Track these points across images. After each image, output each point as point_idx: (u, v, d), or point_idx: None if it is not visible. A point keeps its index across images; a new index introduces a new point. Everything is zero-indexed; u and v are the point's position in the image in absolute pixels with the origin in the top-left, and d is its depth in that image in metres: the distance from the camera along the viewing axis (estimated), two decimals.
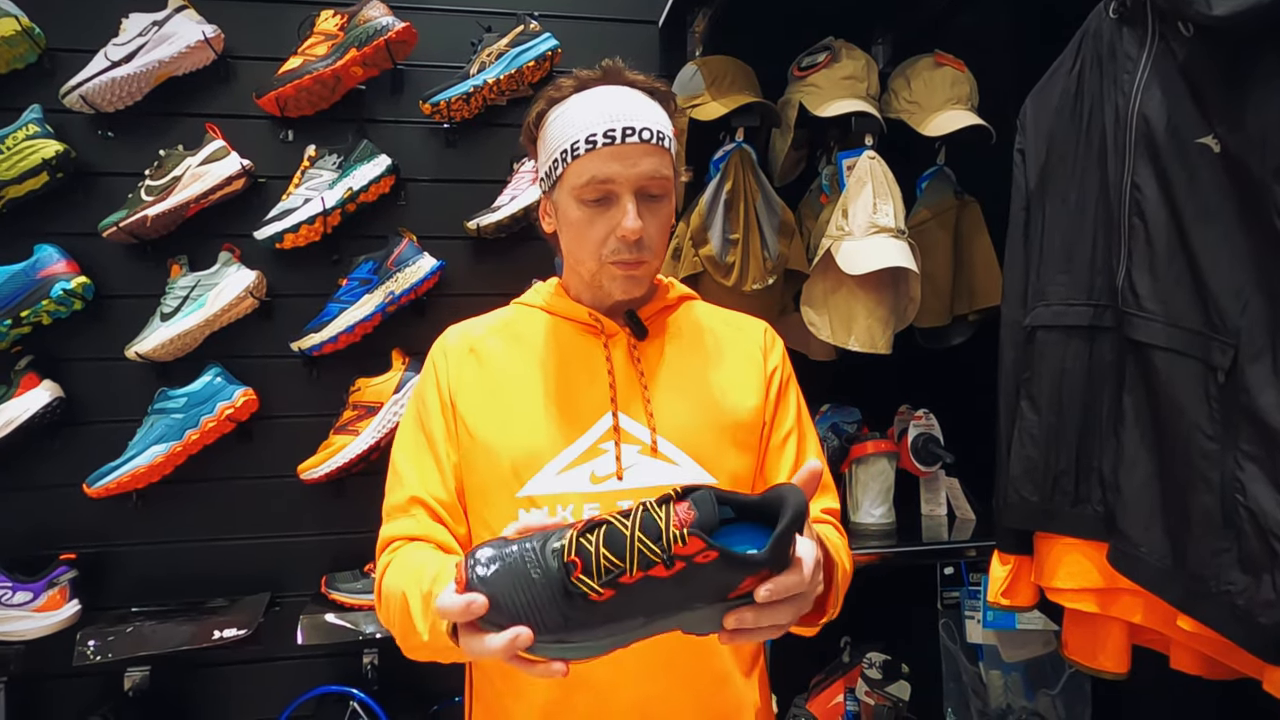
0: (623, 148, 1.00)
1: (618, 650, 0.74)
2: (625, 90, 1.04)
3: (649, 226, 1.02)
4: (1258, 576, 0.96)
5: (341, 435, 1.69)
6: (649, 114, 1.03)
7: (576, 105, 1.03)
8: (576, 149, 1.01)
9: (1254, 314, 0.98)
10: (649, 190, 1.02)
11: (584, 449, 1.03)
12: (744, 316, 1.21)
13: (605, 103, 1.02)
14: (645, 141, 1.01)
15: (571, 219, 1.04)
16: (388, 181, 1.76)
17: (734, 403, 1.09)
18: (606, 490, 1.01)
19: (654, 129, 1.02)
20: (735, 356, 1.13)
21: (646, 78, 1.07)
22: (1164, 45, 1.08)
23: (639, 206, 1.01)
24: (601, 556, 0.70)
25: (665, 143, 1.03)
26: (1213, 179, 1.02)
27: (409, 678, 1.76)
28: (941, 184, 1.81)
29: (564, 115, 1.03)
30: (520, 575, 0.71)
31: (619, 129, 0.99)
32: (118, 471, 1.61)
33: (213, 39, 1.69)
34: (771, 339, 1.18)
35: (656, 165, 1.02)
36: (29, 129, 1.59)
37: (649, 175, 1.01)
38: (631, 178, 1.00)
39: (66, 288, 1.60)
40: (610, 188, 1.00)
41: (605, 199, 1.01)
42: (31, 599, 1.56)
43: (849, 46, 1.70)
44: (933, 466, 1.78)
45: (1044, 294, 1.27)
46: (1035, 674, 1.78)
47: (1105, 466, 1.20)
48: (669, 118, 1.07)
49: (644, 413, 1.05)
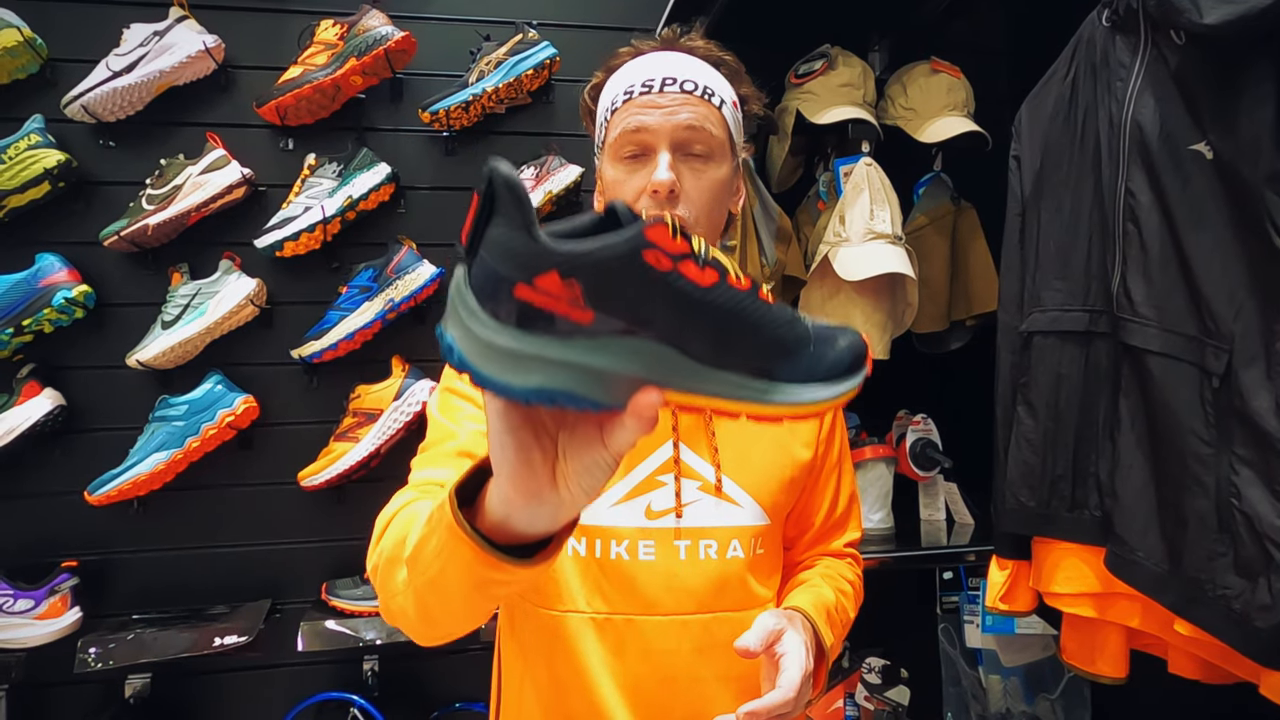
0: (660, 95, 0.91)
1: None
2: (681, 55, 0.97)
3: (689, 185, 0.91)
4: (1253, 580, 0.96)
5: (341, 442, 1.70)
6: (700, 71, 0.94)
7: (627, 68, 0.97)
8: (615, 103, 0.94)
9: (1247, 319, 0.98)
10: (690, 144, 0.92)
11: (640, 479, 0.95)
12: None
13: (651, 62, 0.95)
14: (687, 92, 0.92)
15: (609, 179, 0.95)
16: (387, 189, 1.77)
17: (795, 439, 1.03)
18: (663, 526, 0.95)
19: (699, 82, 0.93)
20: None
21: (707, 44, 0.99)
22: (1156, 53, 1.09)
23: (677, 162, 0.91)
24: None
25: (714, 99, 0.94)
26: (1206, 185, 1.03)
27: (409, 684, 1.77)
28: (938, 190, 1.81)
29: (612, 83, 0.98)
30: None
31: (658, 78, 0.92)
32: (119, 479, 1.61)
33: (213, 49, 1.70)
34: None
35: (700, 117, 0.92)
36: (31, 139, 1.60)
37: (688, 125, 0.91)
38: (668, 127, 0.90)
39: (68, 296, 1.60)
40: (644, 138, 0.91)
41: (641, 154, 0.92)
42: (33, 606, 1.57)
43: (845, 54, 1.71)
44: (931, 471, 1.79)
45: (1040, 299, 1.28)
46: (1034, 678, 1.78)
47: (1102, 471, 1.20)
48: (731, 88, 0.99)
49: (708, 446, 0.97)
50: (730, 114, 0.97)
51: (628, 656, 0.93)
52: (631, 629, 0.93)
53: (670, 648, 0.94)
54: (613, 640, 0.93)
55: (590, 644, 0.94)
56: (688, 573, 0.93)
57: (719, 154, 0.94)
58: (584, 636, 0.94)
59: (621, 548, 0.94)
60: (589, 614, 0.94)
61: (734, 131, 0.98)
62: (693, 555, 0.95)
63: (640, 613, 0.93)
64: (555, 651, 0.95)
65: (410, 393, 1.71)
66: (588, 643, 0.94)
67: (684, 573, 0.93)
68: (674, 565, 0.94)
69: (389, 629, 1.65)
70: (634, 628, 0.93)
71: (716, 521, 0.96)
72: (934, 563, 1.83)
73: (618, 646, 0.93)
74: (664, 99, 0.91)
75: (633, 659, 0.93)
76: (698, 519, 0.96)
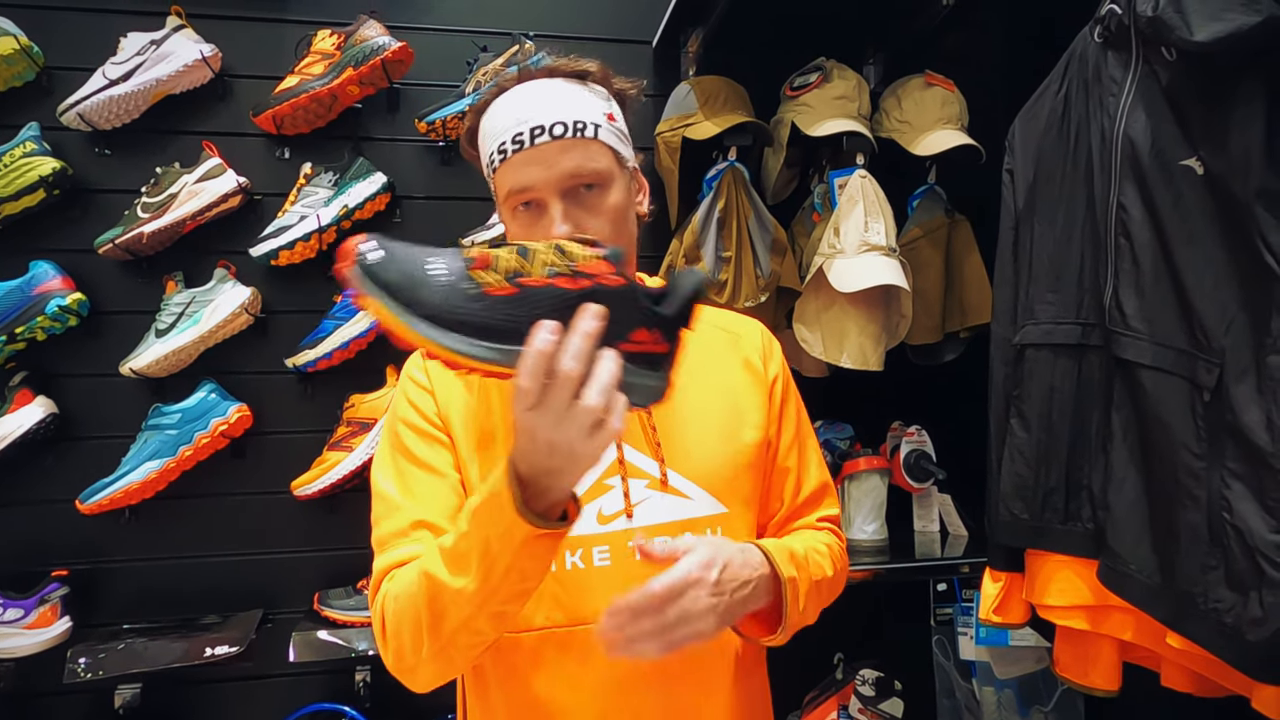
0: (535, 150, 0.91)
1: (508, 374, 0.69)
2: (542, 85, 0.96)
3: (588, 222, 0.92)
4: (1245, 594, 0.96)
5: (335, 451, 1.69)
6: (564, 105, 0.94)
7: (492, 114, 0.96)
8: (494, 163, 0.95)
9: (1238, 333, 0.99)
10: (579, 184, 0.93)
11: (587, 485, 0.92)
12: (737, 317, 1.15)
13: (516, 105, 0.94)
14: (559, 137, 0.92)
15: (511, 232, 0.97)
16: (383, 199, 1.77)
17: (741, 423, 1.03)
18: (616, 530, 0.95)
19: (568, 121, 0.92)
20: (736, 368, 1.07)
21: (569, 61, 0.99)
22: (1148, 69, 1.10)
23: (570, 206, 0.92)
24: (508, 258, 0.69)
25: (587, 131, 0.93)
26: (1197, 200, 1.04)
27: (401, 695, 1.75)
28: (932, 202, 1.82)
29: (485, 127, 0.97)
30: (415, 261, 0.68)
31: (526, 131, 0.91)
32: (111, 488, 1.61)
33: (210, 58, 1.71)
34: (769, 342, 1.12)
35: (580, 160, 0.92)
36: (26, 146, 1.60)
37: (571, 174, 0.92)
38: (552, 180, 0.91)
39: (62, 304, 1.60)
40: (533, 195, 0.92)
41: (533, 204, 0.93)
42: (22, 616, 1.56)
43: (840, 67, 1.73)
44: (925, 483, 1.79)
45: (1033, 312, 1.28)
46: (1028, 691, 1.78)
47: (1095, 484, 1.20)
48: (602, 98, 0.98)
49: (649, 443, 0.98)
50: (609, 131, 0.96)
51: (594, 664, 0.92)
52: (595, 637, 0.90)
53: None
54: (577, 652, 0.92)
55: (551, 661, 0.93)
56: (646, 573, 0.87)
57: (608, 179, 0.95)
58: (543, 655, 0.93)
59: (576, 556, 0.94)
60: (548, 629, 0.93)
61: (618, 145, 0.98)
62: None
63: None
64: (511, 679, 0.95)
65: None
66: (547, 661, 0.93)
67: (642, 573, 0.87)
68: (631, 567, 0.91)
69: None
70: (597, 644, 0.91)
71: (668, 517, 0.96)
72: (928, 574, 1.83)
73: (582, 656, 0.92)
74: (538, 153, 0.91)
75: (599, 666, 0.91)
76: (649, 517, 0.95)
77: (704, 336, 1.06)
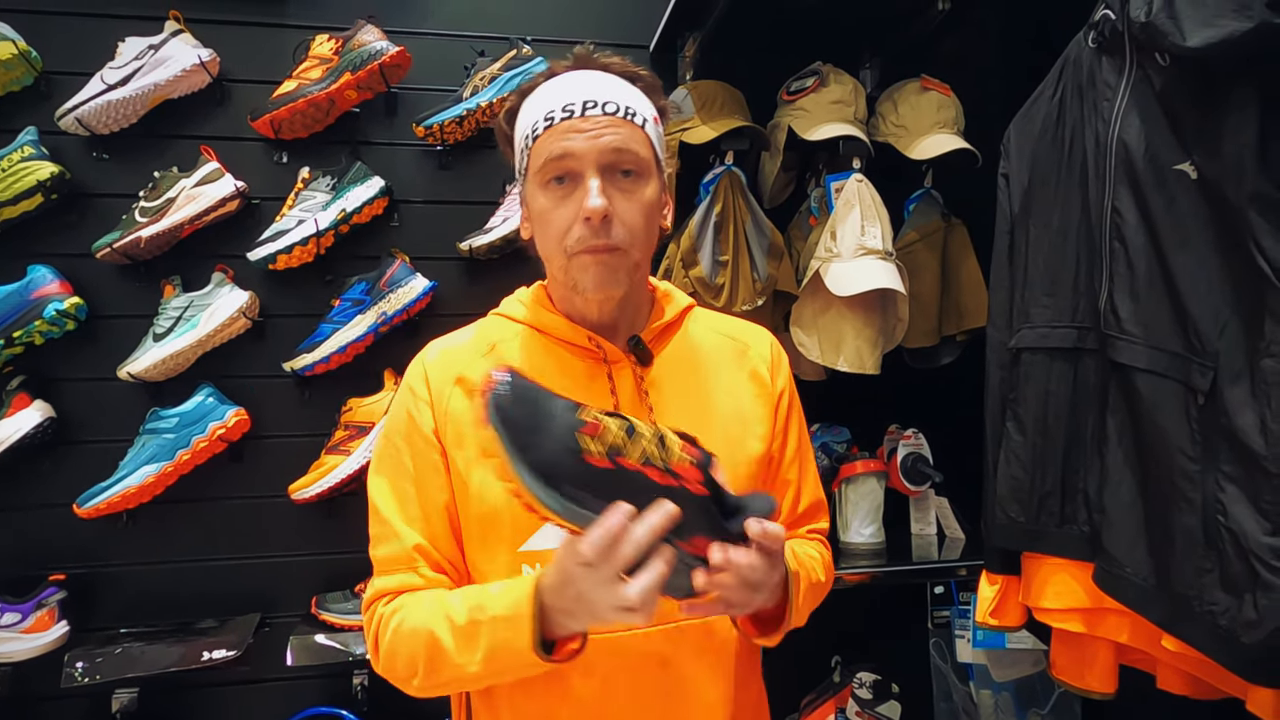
0: (582, 120, 0.90)
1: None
2: (597, 73, 0.96)
3: (622, 209, 0.91)
4: (1239, 597, 0.97)
5: (333, 455, 1.69)
6: (619, 91, 0.94)
7: (541, 91, 0.96)
8: (536, 130, 0.92)
9: (1232, 337, 1.00)
10: (618, 166, 0.91)
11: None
12: (748, 327, 1.13)
13: (569, 83, 0.94)
14: (610, 114, 0.91)
15: (536, 209, 0.94)
16: (381, 203, 1.78)
17: (745, 434, 1.02)
18: None
19: (621, 103, 0.92)
20: (743, 380, 1.05)
21: (623, 61, 0.98)
22: (1142, 74, 1.10)
23: (607, 185, 0.90)
24: (614, 434, 0.74)
25: (637, 118, 0.93)
26: (1191, 204, 1.04)
27: (399, 699, 1.75)
28: (929, 206, 1.83)
29: (528, 104, 0.96)
30: (538, 405, 0.75)
31: (578, 101, 0.91)
32: (108, 492, 1.61)
33: (208, 62, 1.71)
34: (778, 354, 1.10)
35: (625, 138, 0.91)
36: (24, 150, 1.61)
37: (615, 148, 0.90)
38: (593, 152, 0.89)
39: (59, 308, 1.60)
40: (569, 164, 0.90)
41: (567, 178, 0.91)
42: (20, 620, 1.55)
43: (837, 71, 1.73)
44: (922, 486, 1.79)
45: (1028, 316, 1.29)
46: (1025, 693, 1.78)
47: (1090, 487, 1.21)
48: (650, 103, 0.98)
49: None
50: (653, 130, 0.96)
51: (597, 675, 0.93)
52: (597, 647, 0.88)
53: (641, 651, 0.94)
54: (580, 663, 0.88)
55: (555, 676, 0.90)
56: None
57: (646, 173, 0.94)
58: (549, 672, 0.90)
59: None
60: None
61: (658, 148, 0.97)
62: None
63: (605, 630, 0.90)
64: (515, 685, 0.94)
65: None
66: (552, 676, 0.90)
67: None
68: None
69: None
70: (602, 645, 0.90)
71: None
72: (925, 577, 1.83)
73: (586, 668, 0.90)
74: (586, 123, 0.90)
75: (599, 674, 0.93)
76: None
77: (712, 344, 1.07)
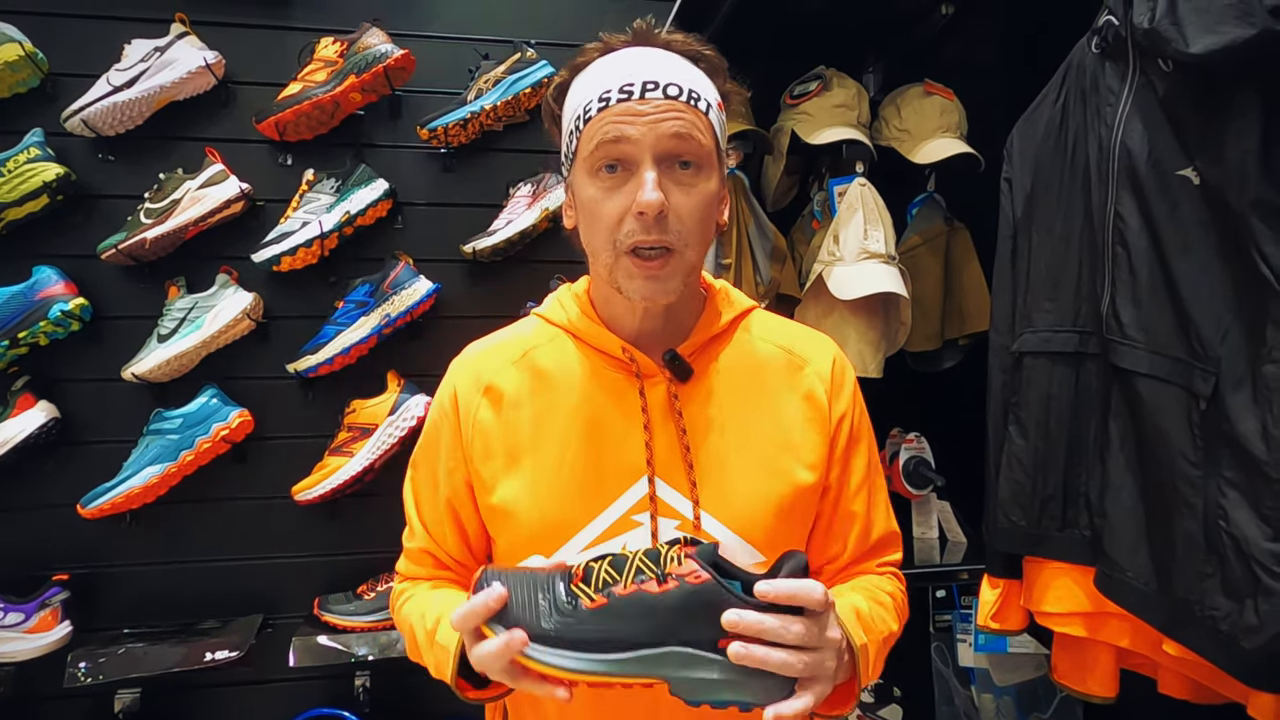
0: (641, 103, 0.81)
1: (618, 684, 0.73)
2: (657, 51, 0.87)
3: (679, 204, 0.83)
4: (1241, 602, 0.97)
5: (336, 457, 1.70)
6: (681, 72, 0.85)
7: (595, 68, 0.87)
8: (589, 111, 0.84)
9: (1234, 343, 1.00)
10: (678, 155, 0.83)
11: (614, 519, 0.87)
12: (810, 337, 1.00)
13: (628, 61, 0.85)
14: (672, 98, 0.82)
15: (584, 198, 0.86)
16: (385, 205, 1.78)
17: (792, 462, 0.91)
18: None
19: (684, 86, 0.83)
20: (795, 402, 0.94)
21: (686, 38, 0.89)
22: (1145, 79, 1.11)
23: (664, 177, 0.82)
24: (602, 570, 0.74)
25: (700, 103, 0.84)
26: (1193, 210, 1.05)
27: (401, 700, 1.76)
28: (931, 210, 1.83)
29: (582, 81, 0.88)
30: (526, 584, 0.75)
31: (638, 83, 0.82)
32: (112, 492, 1.61)
33: (214, 65, 1.72)
34: (841, 371, 0.98)
35: (687, 126, 0.82)
36: (30, 152, 1.61)
37: (674, 134, 0.81)
38: (651, 138, 0.81)
39: (64, 309, 1.61)
40: (625, 149, 0.82)
41: (621, 166, 0.83)
42: (23, 620, 1.56)
43: (840, 75, 1.73)
44: (924, 490, 1.79)
45: (1031, 320, 1.29)
46: (1027, 697, 1.78)
47: (1092, 491, 1.21)
48: (714, 87, 0.89)
49: (685, 481, 0.88)
50: (716, 117, 0.88)
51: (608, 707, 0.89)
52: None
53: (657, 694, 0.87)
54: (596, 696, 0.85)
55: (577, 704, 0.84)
56: None
57: (707, 164, 0.86)
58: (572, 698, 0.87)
59: None
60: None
61: (720, 137, 0.89)
62: None
63: None
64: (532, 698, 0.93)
65: (405, 408, 1.72)
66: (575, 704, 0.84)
67: None
68: None
69: (381, 645, 1.64)
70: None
71: None
72: (927, 581, 1.83)
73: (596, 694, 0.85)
74: (645, 106, 0.82)
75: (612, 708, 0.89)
76: None
77: (764, 357, 0.96)
